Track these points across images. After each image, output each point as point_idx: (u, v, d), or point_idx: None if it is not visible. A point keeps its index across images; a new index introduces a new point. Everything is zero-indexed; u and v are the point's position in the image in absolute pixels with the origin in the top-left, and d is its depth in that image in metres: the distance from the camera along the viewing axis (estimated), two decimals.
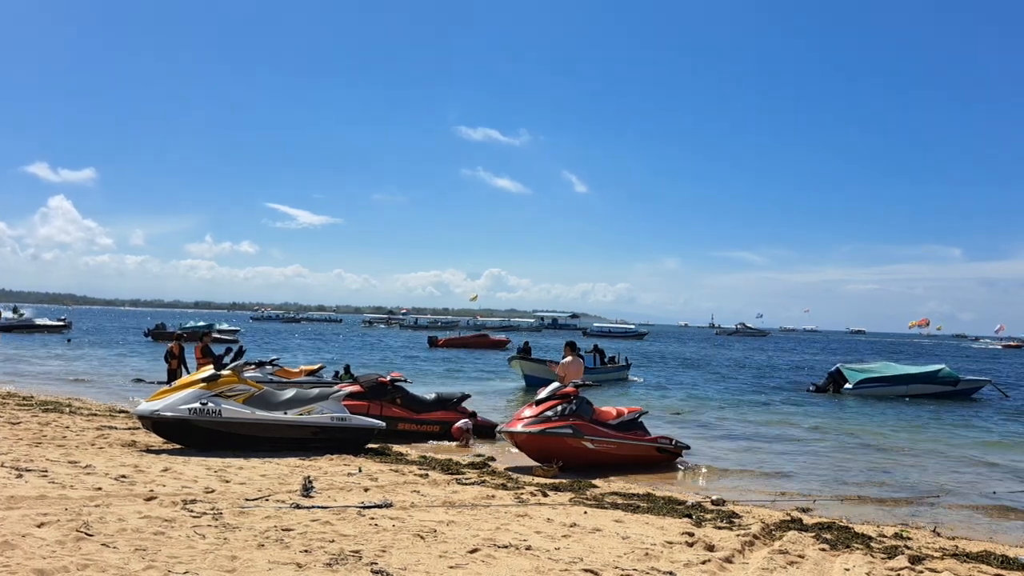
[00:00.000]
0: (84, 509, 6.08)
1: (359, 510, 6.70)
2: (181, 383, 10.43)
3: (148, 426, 9.99)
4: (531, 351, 29.70)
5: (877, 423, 18.74)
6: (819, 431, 16.91)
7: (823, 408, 22.13)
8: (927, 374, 26.35)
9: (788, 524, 7.35)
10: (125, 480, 7.55)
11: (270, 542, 5.44)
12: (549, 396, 11.17)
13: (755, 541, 6.52)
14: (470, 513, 6.97)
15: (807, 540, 6.69)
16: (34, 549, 4.85)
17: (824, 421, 18.90)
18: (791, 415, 19.90)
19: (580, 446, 10.71)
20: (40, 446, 9.40)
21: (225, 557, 4.98)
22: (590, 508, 7.63)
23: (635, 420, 11.84)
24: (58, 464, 8.17)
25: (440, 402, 13.72)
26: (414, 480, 8.68)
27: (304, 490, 7.32)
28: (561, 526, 6.63)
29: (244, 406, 10.05)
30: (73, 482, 7.25)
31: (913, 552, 6.48)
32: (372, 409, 12.62)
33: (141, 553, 4.95)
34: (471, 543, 5.77)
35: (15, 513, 5.79)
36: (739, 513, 7.84)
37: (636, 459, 11.42)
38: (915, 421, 19.49)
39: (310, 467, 9.07)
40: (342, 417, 10.60)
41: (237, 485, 7.68)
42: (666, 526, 6.94)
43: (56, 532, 5.29)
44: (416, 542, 5.72)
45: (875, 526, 7.89)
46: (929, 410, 21.93)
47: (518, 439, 10.79)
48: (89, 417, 13.02)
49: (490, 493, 8.15)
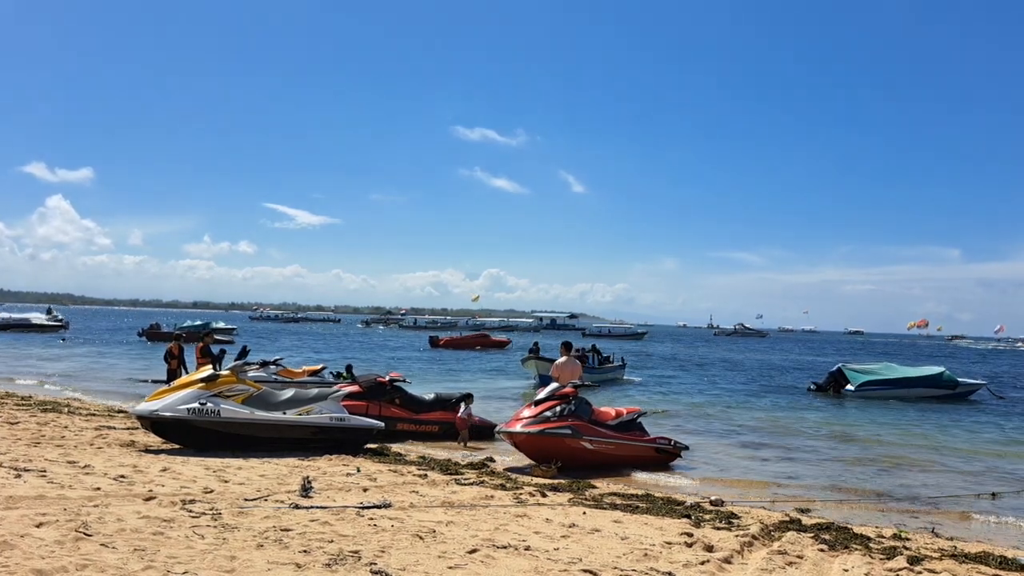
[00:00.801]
0: (83, 509, 6.07)
1: (358, 510, 6.70)
2: (180, 383, 10.43)
3: (147, 426, 9.99)
4: (540, 351, 29.85)
5: (877, 424, 18.74)
6: (819, 432, 16.93)
7: (824, 409, 22.16)
8: (928, 377, 26.40)
9: (787, 525, 7.36)
10: (124, 480, 7.55)
11: (269, 542, 5.44)
12: (548, 396, 11.18)
13: (754, 542, 6.52)
14: (469, 513, 6.97)
15: (806, 541, 6.70)
16: (33, 549, 4.85)
17: (824, 422, 18.93)
18: (791, 415, 19.92)
19: (579, 446, 10.71)
20: (39, 446, 9.40)
21: (224, 557, 4.98)
22: (589, 508, 7.63)
23: (634, 421, 11.86)
24: (57, 464, 8.16)
25: (439, 402, 13.73)
26: (413, 480, 8.69)
27: (303, 490, 7.32)
28: (560, 526, 6.63)
29: (243, 406, 10.05)
30: (72, 482, 7.24)
31: (912, 553, 6.49)
32: (371, 409, 12.64)
33: (140, 553, 4.95)
34: (470, 543, 5.77)
35: (14, 513, 5.79)
36: (738, 514, 7.84)
37: (635, 460, 11.42)
38: (914, 422, 19.50)
39: (309, 467, 9.07)
40: (341, 417, 10.61)
41: (236, 485, 7.68)
42: (665, 526, 6.94)
43: (55, 532, 5.28)
44: (415, 542, 5.72)
45: (874, 527, 7.90)
46: (928, 412, 21.94)
47: (517, 439, 10.80)
48: (87, 417, 13.02)
49: (489, 493, 8.15)
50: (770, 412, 20.62)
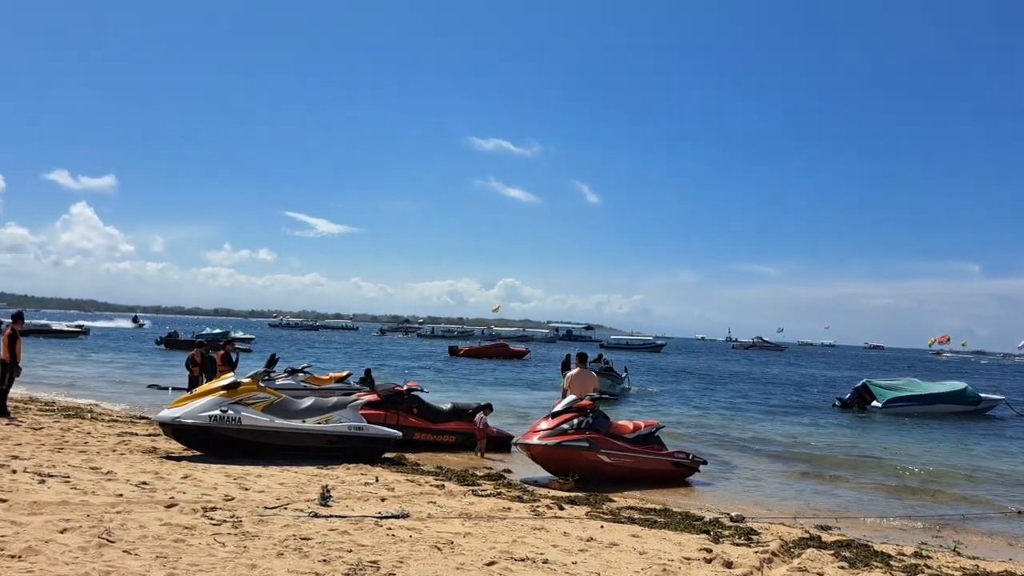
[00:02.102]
0: (106, 515, 6.14)
1: (376, 520, 6.72)
2: (202, 390, 10.53)
3: (169, 433, 10.08)
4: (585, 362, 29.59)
5: (899, 440, 18.58)
6: (842, 448, 16.76)
7: (848, 425, 21.97)
8: (953, 393, 26.36)
9: (807, 542, 7.30)
10: (146, 487, 7.62)
11: (289, 551, 5.48)
12: (565, 409, 11.15)
13: (773, 558, 6.48)
14: (487, 525, 6.98)
15: (826, 558, 6.65)
16: (57, 555, 4.92)
17: (847, 438, 18.78)
18: (815, 431, 19.77)
19: (596, 459, 10.69)
20: (62, 451, 9.51)
21: (245, 566, 5.02)
22: (607, 522, 7.61)
23: (652, 434, 11.80)
24: (80, 470, 8.25)
25: (456, 412, 13.75)
26: (431, 491, 8.71)
27: (322, 499, 7.36)
28: (578, 540, 6.62)
29: (263, 414, 10.12)
30: (95, 488, 7.32)
31: (933, 571, 6.43)
32: (389, 418, 12.68)
33: (162, 560, 5.00)
34: (488, 556, 5.77)
35: (38, 519, 5.86)
36: (757, 530, 7.79)
37: (653, 473, 11.37)
38: (938, 439, 19.34)
39: (328, 476, 9.11)
40: (359, 426, 10.66)
41: (256, 493, 7.73)
42: (683, 542, 6.91)
43: (78, 538, 5.35)
44: (433, 554, 5.74)
45: (895, 545, 7.81)
46: (951, 428, 21.78)
47: (534, 451, 10.78)
48: (110, 423, 13.16)
49: (506, 505, 8.15)
50: (794, 428, 20.47)
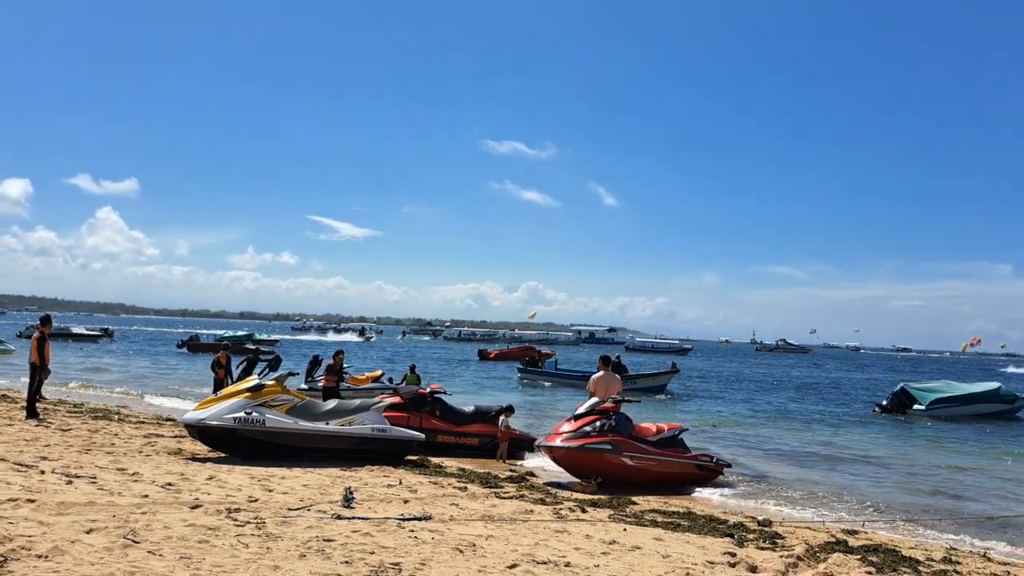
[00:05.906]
0: (131, 516, 6.19)
1: (399, 522, 6.72)
2: (227, 392, 10.60)
3: (194, 434, 10.17)
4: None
5: (934, 443, 18.35)
6: (874, 452, 16.54)
7: (887, 429, 21.73)
8: (990, 392, 26.28)
9: (833, 546, 7.19)
10: (171, 488, 7.69)
11: (312, 552, 5.49)
12: (588, 411, 11.10)
13: (799, 563, 6.39)
14: (509, 528, 6.95)
15: (852, 563, 6.54)
16: (83, 555, 4.96)
17: (881, 441, 18.60)
18: (851, 434, 19.56)
19: (619, 462, 10.63)
20: (90, 453, 9.62)
21: (268, 567, 5.03)
22: (629, 525, 7.56)
23: (675, 437, 11.71)
24: (107, 471, 8.35)
25: (479, 414, 13.73)
26: (453, 493, 8.70)
27: (345, 501, 7.38)
28: (600, 543, 6.58)
29: (287, 416, 10.19)
30: (121, 489, 7.40)
31: None
32: (412, 421, 12.70)
33: (186, 561, 5.03)
34: (510, 558, 5.75)
35: (65, 519, 5.93)
36: (782, 534, 7.69)
37: (676, 476, 11.29)
38: (972, 440, 19.12)
39: (351, 478, 9.14)
40: (382, 428, 10.69)
41: (280, 495, 7.77)
42: (707, 545, 6.84)
43: (104, 539, 5.40)
44: (455, 556, 5.72)
45: (924, 550, 7.69)
46: (986, 429, 21.56)
47: (557, 454, 10.75)
48: (137, 425, 13.31)
49: (529, 508, 8.12)
50: (825, 429, 20.31)
